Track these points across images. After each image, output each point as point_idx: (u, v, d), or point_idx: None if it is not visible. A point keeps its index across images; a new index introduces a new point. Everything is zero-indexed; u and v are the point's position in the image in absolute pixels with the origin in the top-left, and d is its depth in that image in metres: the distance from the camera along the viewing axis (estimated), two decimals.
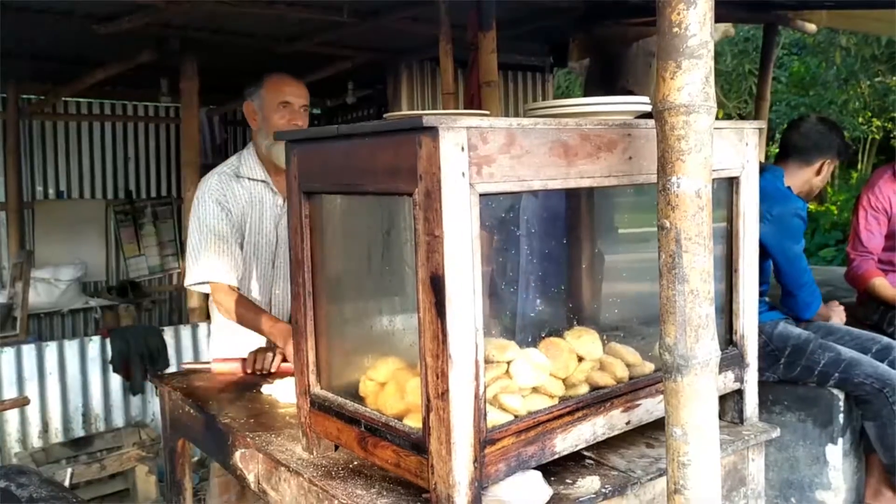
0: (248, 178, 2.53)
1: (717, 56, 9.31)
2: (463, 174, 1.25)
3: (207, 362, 2.46)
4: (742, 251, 1.74)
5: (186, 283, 2.52)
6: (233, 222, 2.49)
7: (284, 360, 2.36)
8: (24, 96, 6.57)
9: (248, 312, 2.43)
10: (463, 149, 1.24)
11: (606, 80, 5.33)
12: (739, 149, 1.71)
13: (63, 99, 6.79)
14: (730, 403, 1.81)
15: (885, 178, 3.30)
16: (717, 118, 1.36)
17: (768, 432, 1.76)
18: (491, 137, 1.29)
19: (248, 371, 2.35)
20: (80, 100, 7.08)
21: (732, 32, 6.64)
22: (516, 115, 5.90)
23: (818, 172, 2.89)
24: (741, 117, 10.54)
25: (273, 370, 2.34)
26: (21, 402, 2.55)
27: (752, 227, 1.75)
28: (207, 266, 2.44)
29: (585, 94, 6.15)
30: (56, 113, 6.99)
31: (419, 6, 3.91)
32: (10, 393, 3.95)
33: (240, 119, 7.94)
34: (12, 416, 3.96)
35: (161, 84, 5.74)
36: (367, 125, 1.39)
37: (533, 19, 4.61)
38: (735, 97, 10.96)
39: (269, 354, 2.35)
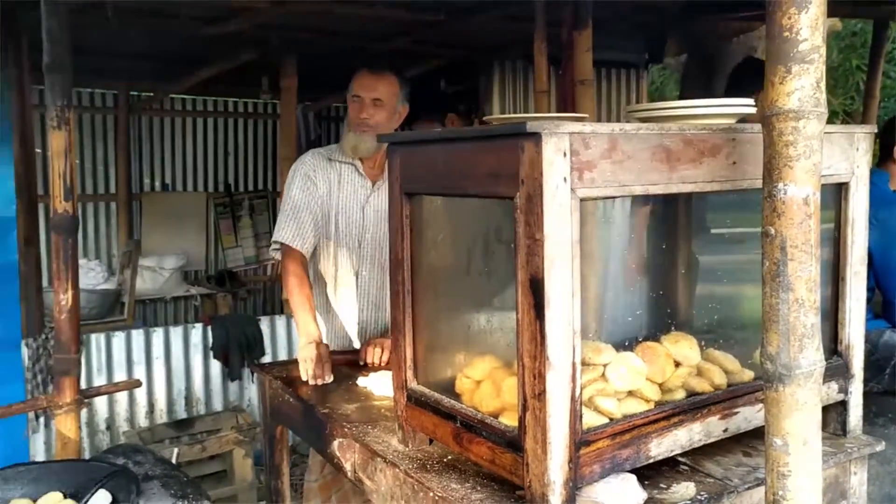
0: (339, 161, 2.69)
1: None
2: (564, 179, 1.26)
3: (288, 361, 2.54)
4: (850, 259, 1.69)
5: (274, 238, 2.68)
6: (317, 195, 2.65)
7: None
8: (134, 93, 6.93)
9: (297, 291, 2.54)
10: (565, 154, 1.26)
11: (704, 76, 5.20)
12: (849, 154, 1.66)
13: (170, 96, 7.12)
14: (832, 415, 1.76)
15: None
16: None
17: (872, 445, 1.71)
18: (593, 143, 1.30)
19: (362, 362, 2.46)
20: (185, 96, 7.40)
21: (839, 27, 6.37)
22: (609, 112, 5.83)
23: None
24: (847, 114, 10.07)
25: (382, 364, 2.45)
26: (133, 385, 2.71)
27: (861, 234, 1.70)
28: (286, 230, 2.61)
29: (682, 91, 6.01)
30: (163, 109, 7.33)
31: (514, 5, 3.91)
32: (121, 375, 4.19)
33: (333, 115, 8.13)
34: (122, 396, 4.21)
35: (262, 82, 5.94)
36: (470, 130, 1.42)
37: (630, 16, 4.54)
38: (841, 94, 10.46)
39: (378, 350, 2.46)
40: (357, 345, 2.67)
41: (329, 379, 2.31)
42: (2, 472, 1.82)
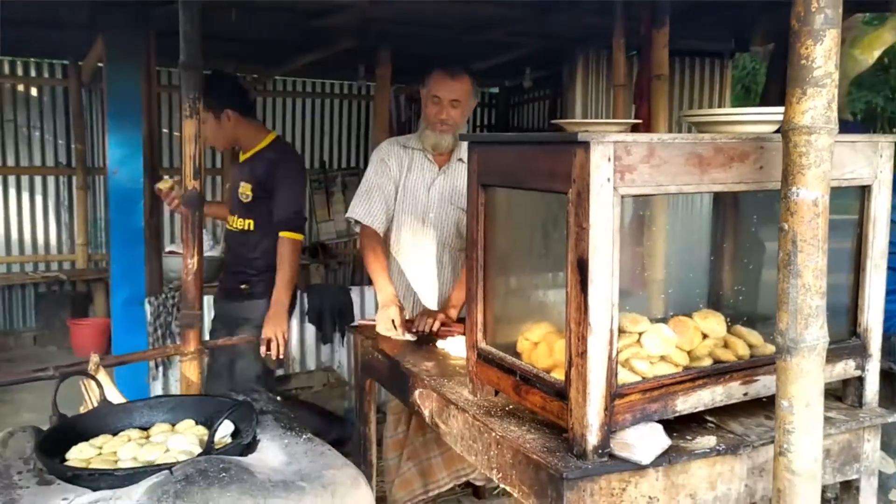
0: (412, 148, 3.05)
1: None
2: (608, 179, 1.55)
3: (373, 320, 2.90)
4: (870, 253, 1.91)
5: (346, 214, 3.11)
6: (390, 175, 3.02)
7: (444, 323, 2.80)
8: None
9: (372, 260, 2.94)
10: (609, 159, 1.54)
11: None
12: (873, 160, 1.87)
13: (273, 77, 7.60)
14: (850, 389, 1.99)
15: None
16: None
17: (884, 416, 1.93)
18: (634, 150, 1.57)
19: (415, 330, 2.76)
20: (286, 78, 7.88)
21: None
22: (691, 102, 5.95)
23: None
24: None
25: (433, 330, 2.76)
26: (246, 340, 3.14)
27: (882, 231, 1.91)
28: (359, 207, 3.02)
29: (769, 79, 6.05)
30: (266, 90, 7.82)
31: (596, 3, 4.13)
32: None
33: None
34: None
35: (359, 70, 6.33)
36: (535, 136, 1.72)
37: (711, 10, 4.65)
38: None
39: (430, 320, 2.78)
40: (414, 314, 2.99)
41: (406, 335, 2.68)
42: (147, 401, 2.24)
